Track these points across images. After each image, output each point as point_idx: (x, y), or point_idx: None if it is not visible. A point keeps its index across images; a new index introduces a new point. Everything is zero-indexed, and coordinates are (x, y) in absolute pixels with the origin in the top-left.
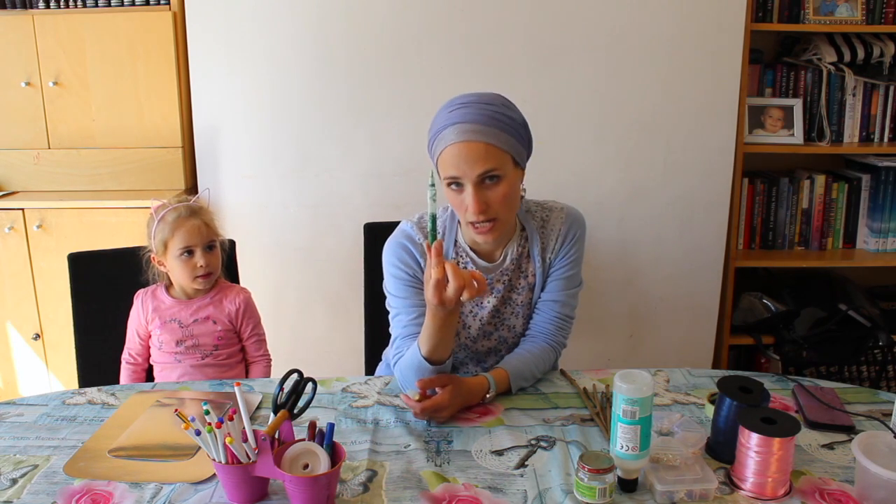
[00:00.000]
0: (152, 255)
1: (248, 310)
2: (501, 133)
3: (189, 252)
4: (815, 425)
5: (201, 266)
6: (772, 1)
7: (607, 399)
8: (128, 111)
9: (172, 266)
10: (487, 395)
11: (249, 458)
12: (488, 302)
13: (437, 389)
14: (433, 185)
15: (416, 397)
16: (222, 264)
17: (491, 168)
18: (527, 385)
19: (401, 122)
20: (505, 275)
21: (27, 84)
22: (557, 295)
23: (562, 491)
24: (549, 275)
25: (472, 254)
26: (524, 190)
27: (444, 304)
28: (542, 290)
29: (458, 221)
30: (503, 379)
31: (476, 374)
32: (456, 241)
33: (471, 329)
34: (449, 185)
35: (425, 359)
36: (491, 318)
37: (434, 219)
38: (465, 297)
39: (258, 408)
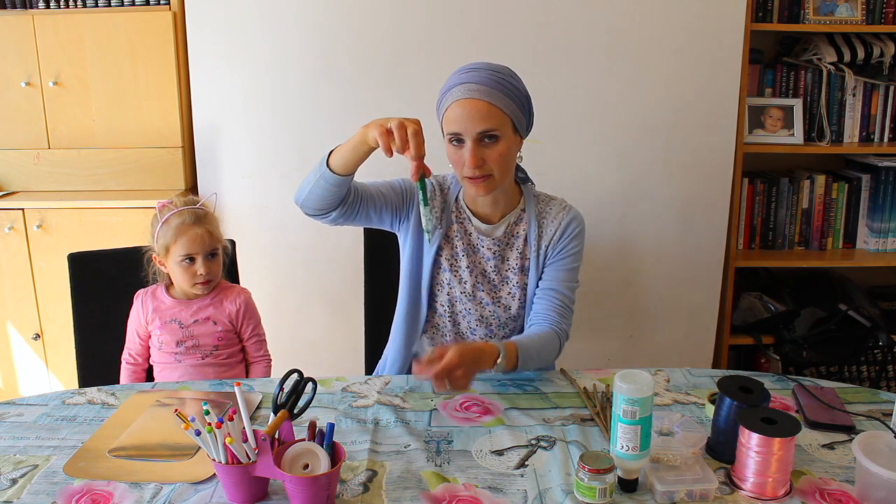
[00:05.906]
0: (154, 255)
1: (249, 310)
2: (504, 97)
3: (190, 259)
4: (815, 425)
5: (201, 274)
6: (772, 1)
7: (607, 399)
8: (128, 111)
9: (173, 270)
10: (498, 360)
11: (249, 458)
12: (482, 261)
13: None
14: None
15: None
16: (224, 267)
17: (491, 127)
18: (532, 366)
19: None
20: (496, 244)
21: (27, 84)
22: (558, 284)
23: (562, 491)
24: (548, 265)
25: (468, 212)
26: (521, 158)
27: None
28: (539, 278)
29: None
30: (512, 349)
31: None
32: (457, 198)
33: (466, 284)
34: (451, 140)
35: (327, 159)
36: (486, 281)
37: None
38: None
39: (258, 408)
